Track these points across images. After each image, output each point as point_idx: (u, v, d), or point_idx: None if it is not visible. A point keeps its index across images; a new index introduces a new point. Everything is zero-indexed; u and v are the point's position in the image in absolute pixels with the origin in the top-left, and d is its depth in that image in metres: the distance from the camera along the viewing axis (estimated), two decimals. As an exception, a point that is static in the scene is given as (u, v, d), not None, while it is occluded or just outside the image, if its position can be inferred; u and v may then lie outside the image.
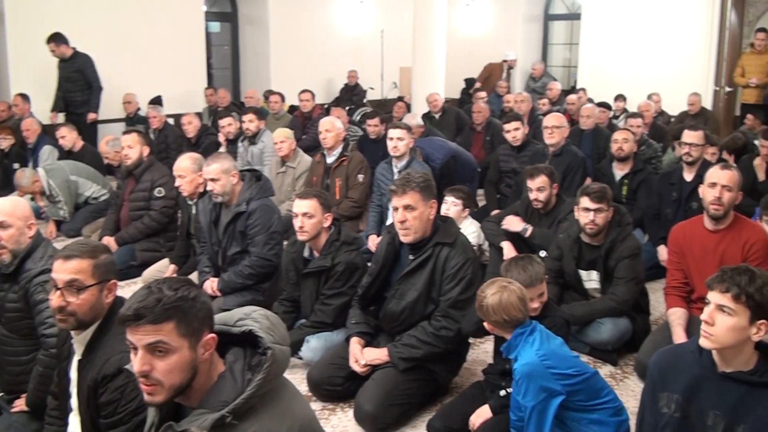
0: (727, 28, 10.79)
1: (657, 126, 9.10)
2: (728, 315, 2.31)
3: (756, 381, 2.35)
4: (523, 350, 2.95)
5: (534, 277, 3.24)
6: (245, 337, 1.92)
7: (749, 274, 2.32)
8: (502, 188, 6.74)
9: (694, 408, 2.45)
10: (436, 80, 10.17)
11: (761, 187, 6.47)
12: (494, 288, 2.99)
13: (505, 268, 3.32)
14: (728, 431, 2.38)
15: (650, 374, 2.62)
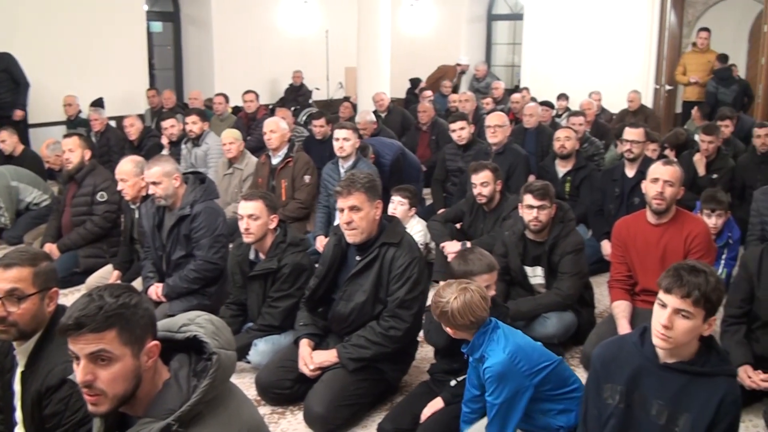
0: (666, 28, 11.07)
1: (599, 124, 9.28)
2: (687, 318, 2.35)
3: (697, 371, 2.41)
4: (490, 349, 2.95)
5: (493, 263, 3.30)
6: (190, 343, 1.90)
7: (703, 275, 2.36)
8: (448, 187, 6.79)
9: (637, 399, 2.50)
10: (381, 80, 10.21)
11: (702, 182, 6.65)
12: (454, 291, 2.96)
13: (460, 260, 3.34)
14: (672, 420, 2.44)
15: (593, 366, 2.66)
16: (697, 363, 2.42)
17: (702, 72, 10.51)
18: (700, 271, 2.37)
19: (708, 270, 2.39)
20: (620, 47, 11.36)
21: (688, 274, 2.36)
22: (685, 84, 10.79)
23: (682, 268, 2.39)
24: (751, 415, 3.73)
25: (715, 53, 10.53)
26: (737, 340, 3.79)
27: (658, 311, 2.41)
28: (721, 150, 6.93)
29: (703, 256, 4.05)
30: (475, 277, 3.22)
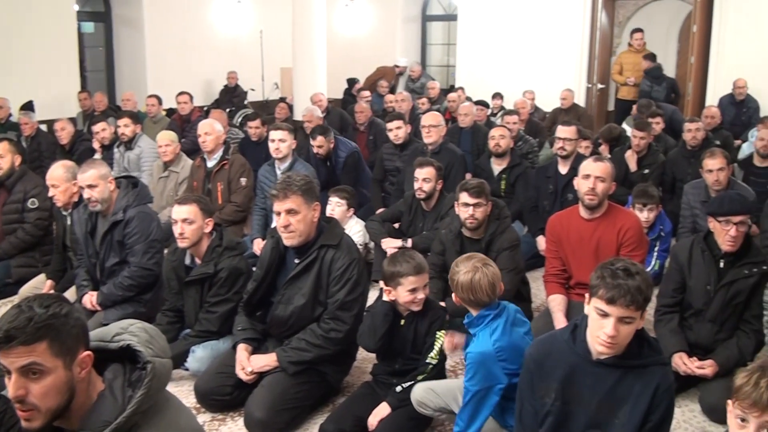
0: (598, 29, 11.32)
1: (532, 122, 9.44)
2: (630, 323, 2.38)
3: (630, 364, 2.45)
4: (482, 333, 2.99)
5: (422, 265, 3.30)
6: (124, 352, 1.86)
7: (637, 276, 2.36)
8: (386, 186, 6.81)
9: (573, 396, 2.53)
10: (317, 80, 10.18)
11: (633, 177, 6.84)
12: (468, 266, 3.03)
13: (390, 261, 3.34)
14: (609, 414, 2.48)
15: (527, 365, 2.67)
16: (630, 356, 2.45)
17: (638, 71, 10.85)
18: (633, 273, 2.38)
19: (637, 267, 2.41)
20: (553, 47, 11.57)
21: (625, 279, 2.35)
22: (622, 84, 11.08)
23: (618, 275, 2.36)
24: (687, 400, 3.86)
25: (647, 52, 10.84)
26: (671, 328, 3.93)
27: (599, 320, 2.39)
28: (651, 146, 7.13)
29: (635, 249, 4.17)
30: (402, 279, 3.24)
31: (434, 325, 3.34)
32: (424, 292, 3.31)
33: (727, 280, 3.80)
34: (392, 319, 3.34)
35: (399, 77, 13.65)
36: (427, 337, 3.35)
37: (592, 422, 2.51)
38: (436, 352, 3.33)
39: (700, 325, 3.91)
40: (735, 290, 3.79)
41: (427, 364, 3.33)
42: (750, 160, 6.66)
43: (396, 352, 3.42)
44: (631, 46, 11.19)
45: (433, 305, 3.42)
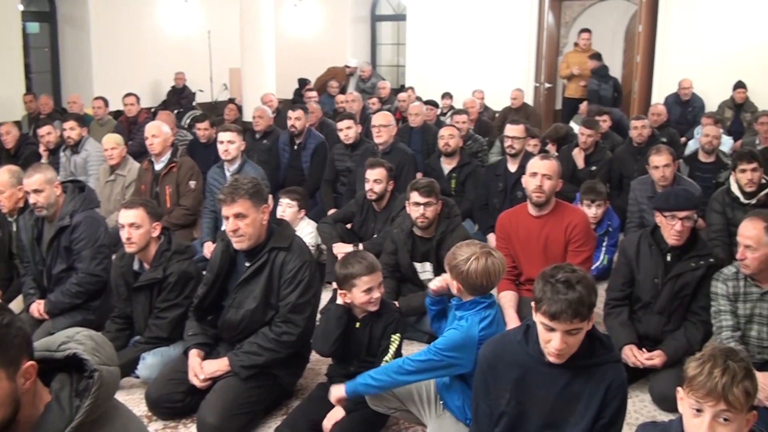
0: (545, 29, 11.46)
1: (482, 121, 9.52)
2: (577, 333, 2.38)
3: (582, 365, 2.47)
4: (471, 318, 2.95)
5: (374, 264, 3.29)
6: (70, 361, 1.82)
7: (579, 285, 2.34)
8: (338, 187, 6.80)
9: (527, 396, 2.54)
10: (266, 81, 10.12)
11: (581, 174, 6.95)
12: (472, 253, 2.94)
13: (342, 263, 3.33)
14: (563, 413, 2.50)
15: (480, 366, 2.67)
16: (583, 356, 2.46)
17: (584, 71, 11.04)
18: (574, 283, 2.35)
19: (578, 275, 2.38)
20: (501, 47, 11.68)
21: (566, 292, 2.33)
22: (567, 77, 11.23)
23: (559, 289, 2.34)
24: (637, 390, 3.95)
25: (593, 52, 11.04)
26: (621, 321, 4.01)
27: (546, 333, 2.39)
28: (599, 143, 7.25)
29: (583, 245, 4.26)
30: (356, 280, 3.23)
31: (389, 328, 3.33)
32: (380, 291, 3.31)
33: (674, 273, 3.89)
34: (346, 322, 3.33)
35: (349, 77, 13.65)
36: (382, 340, 3.34)
37: (546, 422, 2.53)
38: (391, 355, 3.32)
39: (649, 318, 4.00)
40: (682, 283, 3.88)
41: None
42: (695, 156, 6.82)
43: (351, 355, 3.41)
44: (578, 46, 11.38)
45: (388, 307, 3.41)
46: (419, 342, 4.53)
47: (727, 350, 2.12)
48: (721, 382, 2.03)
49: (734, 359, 2.06)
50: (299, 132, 7.15)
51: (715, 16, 10.18)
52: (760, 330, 3.61)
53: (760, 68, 9.83)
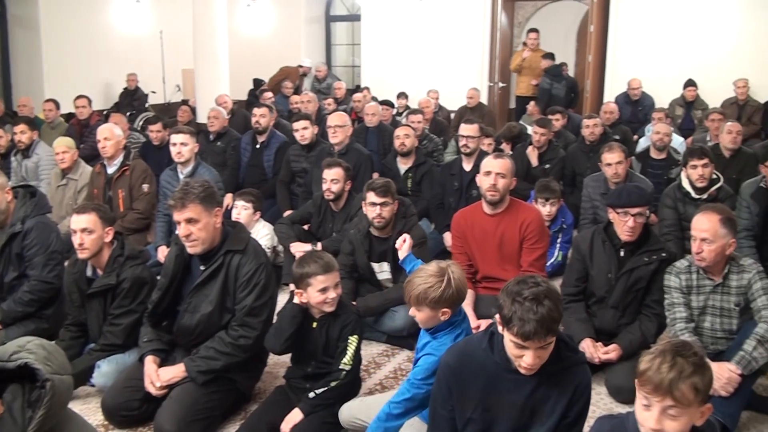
0: (498, 29, 11.56)
1: (437, 121, 9.57)
2: (548, 348, 2.38)
3: (549, 371, 2.47)
4: (445, 338, 2.94)
5: (330, 263, 3.28)
6: (22, 371, 1.79)
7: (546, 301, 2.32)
8: (294, 188, 6.76)
9: (493, 404, 2.54)
10: (220, 82, 10.03)
11: (535, 172, 7.03)
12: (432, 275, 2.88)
13: (299, 262, 3.32)
14: (530, 419, 2.52)
15: (442, 372, 2.64)
16: (549, 361, 2.45)
17: (534, 70, 11.20)
18: (542, 299, 2.32)
19: (544, 288, 2.36)
20: (455, 47, 11.77)
21: (536, 311, 2.30)
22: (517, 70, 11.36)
23: (528, 307, 2.31)
24: (594, 383, 3.94)
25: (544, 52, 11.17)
26: (578, 317, 4.08)
27: (518, 350, 2.38)
28: (552, 142, 7.35)
29: (537, 242, 4.31)
30: (311, 279, 3.22)
31: (346, 329, 3.33)
32: (336, 291, 3.29)
33: (628, 267, 3.97)
34: (301, 321, 3.32)
35: (303, 78, 13.59)
36: (339, 342, 3.33)
37: (514, 426, 2.54)
38: (349, 357, 3.32)
39: (603, 312, 4.08)
40: (635, 277, 3.96)
41: (341, 370, 3.31)
42: (647, 153, 6.94)
43: (308, 355, 3.40)
44: (526, 46, 11.50)
45: (345, 308, 3.40)
46: (378, 342, 4.54)
47: (679, 345, 2.12)
48: (667, 377, 2.04)
49: (684, 354, 2.07)
50: (263, 129, 7.11)
51: (665, 16, 10.40)
52: (713, 321, 3.70)
53: (710, 67, 10.07)
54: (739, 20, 10.03)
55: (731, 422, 3.43)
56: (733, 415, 3.45)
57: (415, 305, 2.94)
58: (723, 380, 3.41)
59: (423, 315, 2.94)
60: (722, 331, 3.69)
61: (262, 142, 7.21)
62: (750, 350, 3.42)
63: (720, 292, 3.67)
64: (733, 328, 3.66)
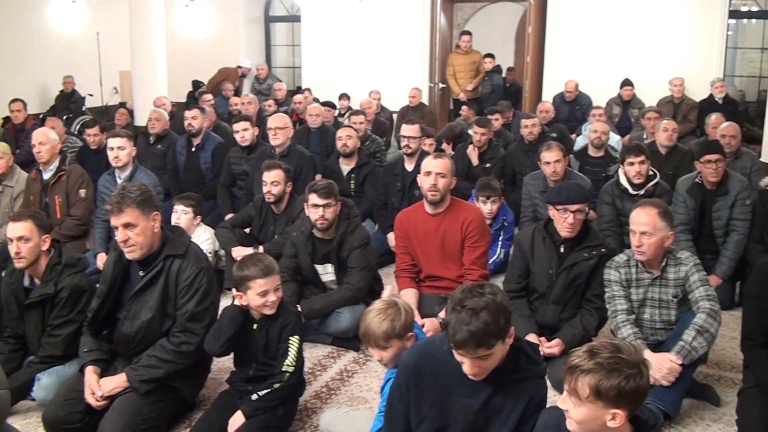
0: (437, 30, 11.63)
1: (379, 121, 9.60)
2: (488, 358, 2.38)
3: (505, 379, 2.49)
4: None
5: (270, 267, 3.25)
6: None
7: (484, 315, 2.31)
8: (235, 191, 6.70)
9: (449, 406, 2.56)
10: (158, 84, 9.91)
11: (476, 171, 7.11)
12: (380, 314, 2.94)
13: (239, 265, 3.29)
14: (484, 426, 2.54)
15: (403, 371, 2.66)
16: (506, 369, 2.47)
17: (468, 71, 11.38)
18: (479, 310, 2.31)
19: (485, 300, 2.34)
20: (396, 48, 11.80)
21: (468, 322, 2.30)
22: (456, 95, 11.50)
23: (463, 318, 2.31)
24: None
25: (479, 54, 11.36)
26: (521, 313, 4.14)
27: (458, 356, 2.40)
28: (492, 141, 7.44)
29: (478, 240, 4.37)
30: (251, 283, 3.20)
31: (286, 329, 3.31)
32: (276, 294, 3.27)
33: (568, 263, 4.05)
34: (241, 323, 3.30)
35: (243, 79, 13.47)
36: (280, 343, 3.31)
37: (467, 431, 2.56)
38: (292, 358, 3.30)
39: (545, 307, 4.16)
40: (575, 273, 4.04)
41: (284, 372, 3.29)
42: (585, 151, 7.08)
43: (250, 358, 3.37)
44: (459, 48, 11.61)
45: (285, 309, 3.38)
46: (323, 344, 4.53)
47: (603, 344, 2.15)
48: (568, 365, 2.13)
49: (598, 355, 2.10)
50: (197, 132, 7.03)
51: (601, 17, 10.62)
52: (652, 313, 3.81)
53: (646, 66, 10.32)
54: (674, 20, 10.30)
55: (673, 410, 3.56)
56: (674, 403, 3.57)
57: (384, 343, 2.94)
58: (664, 370, 3.52)
59: (394, 349, 2.94)
60: (661, 323, 3.81)
61: (197, 145, 7.11)
62: (689, 340, 3.52)
63: (658, 284, 3.78)
64: (672, 319, 3.78)
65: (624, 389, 2.06)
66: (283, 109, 10.05)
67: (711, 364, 4.32)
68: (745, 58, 11.97)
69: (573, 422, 2.16)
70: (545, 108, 9.00)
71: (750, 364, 3.52)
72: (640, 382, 2.08)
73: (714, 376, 4.22)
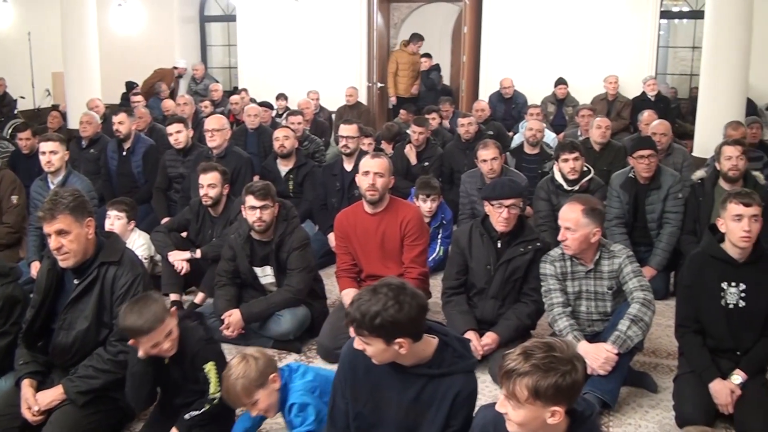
0: (374, 30, 11.64)
1: (318, 122, 9.58)
2: (371, 345, 2.46)
3: (433, 373, 2.54)
4: (293, 385, 3.01)
5: (155, 319, 3.01)
6: None
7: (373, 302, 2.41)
8: (171, 195, 6.59)
9: (382, 400, 2.61)
10: (92, 85, 9.70)
11: (414, 170, 7.17)
12: (238, 367, 2.95)
13: (123, 314, 3.04)
14: (416, 420, 2.58)
15: (342, 365, 2.73)
16: (435, 364, 2.54)
17: (411, 70, 11.53)
18: (365, 300, 2.43)
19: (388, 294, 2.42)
20: (334, 47, 11.77)
21: (358, 306, 2.42)
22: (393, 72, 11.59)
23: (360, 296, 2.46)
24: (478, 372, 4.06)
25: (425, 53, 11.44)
26: (460, 309, 4.22)
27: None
28: (430, 140, 7.50)
29: (417, 239, 4.42)
30: (138, 338, 3.01)
31: (196, 359, 3.17)
32: (170, 339, 3.10)
33: (505, 258, 4.15)
34: (153, 370, 3.17)
35: (179, 80, 13.27)
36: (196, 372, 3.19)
37: (400, 425, 2.60)
38: (214, 385, 3.17)
39: (484, 303, 4.24)
40: (513, 267, 4.14)
41: (212, 399, 3.18)
42: (521, 149, 7.21)
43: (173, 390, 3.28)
44: (405, 46, 11.70)
45: (189, 338, 3.21)
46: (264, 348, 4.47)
47: (537, 345, 2.20)
48: (503, 370, 2.17)
49: (531, 355, 2.15)
50: (125, 136, 6.89)
51: (536, 16, 10.77)
52: (588, 305, 3.92)
53: (580, 65, 10.51)
54: (607, 20, 10.50)
55: (611, 398, 3.66)
56: (612, 392, 3.67)
57: (248, 399, 2.99)
58: (601, 360, 3.62)
59: (264, 398, 3.00)
60: (597, 314, 3.92)
61: (127, 149, 6.98)
62: (624, 330, 3.63)
63: (593, 277, 3.89)
64: (608, 310, 3.89)
65: (561, 386, 2.12)
66: (219, 110, 9.94)
67: (647, 352, 4.45)
68: (677, 57, 12.28)
69: (513, 425, 2.20)
70: (481, 107, 9.10)
71: (684, 350, 3.73)
72: (575, 377, 2.14)
73: (651, 363, 4.35)
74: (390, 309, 2.39)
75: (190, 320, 3.38)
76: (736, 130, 6.59)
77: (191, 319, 3.40)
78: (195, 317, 3.50)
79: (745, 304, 3.56)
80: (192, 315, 3.56)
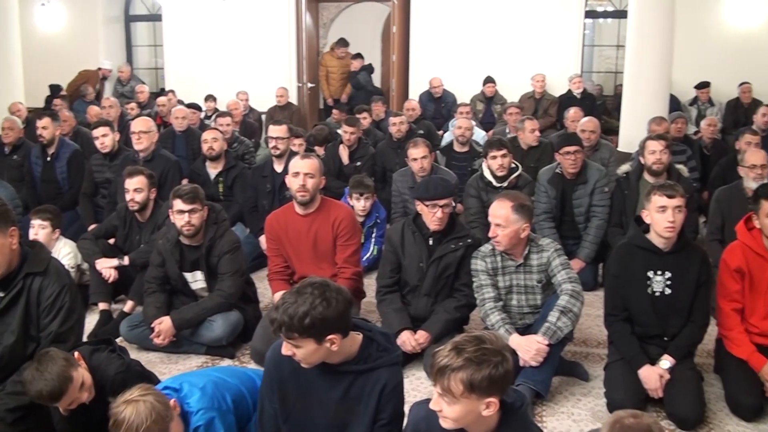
0: (303, 30, 11.59)
1: (247, 123, 9.48)
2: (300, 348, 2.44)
3: (360, 369, 2.56)
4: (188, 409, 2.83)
5: (56, 389, 2.85)
6: None
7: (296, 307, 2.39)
8: (98, 200, 6.42)
9: (311, 399, 2.60)
10: (14, 88, 9.39)
11: (347, 169, 7.17)
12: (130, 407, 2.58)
13: (26, 386, 2.89)
14: (346, 416, 2.58)
15: (267, 368, 2.72)
16: (361, 360, 2.56)
17: (341, 73, 11.62)
18: (291, 303, 2.41)
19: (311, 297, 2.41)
20: (262, 48, 11.67)
21: (284, 309, 2.40)
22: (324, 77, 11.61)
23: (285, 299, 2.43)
24: (413, 369, 4.19)
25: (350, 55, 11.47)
26: (395, 307, 4.26)
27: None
28: (361, 139, 7.52)
29: (350, 239, 4.43)
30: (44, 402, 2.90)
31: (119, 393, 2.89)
32: (82, 394, 2.96)
33: (437, 255, 4.20)
34: (78, 416, 3.06)
35: (104, 81, 12.95)
36: None
37: (331, 424, 2.60)
38: None
39: (417, 300, 4.28)
40: (445, 264, 4.19)
41: None
42: (451, 147, 7.28)
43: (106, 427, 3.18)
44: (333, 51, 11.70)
45: (105, 375, 3.10)
46: (197, 354, 4.42)
47: (467, 339, 2.23)
48: (436, 367, 2.20)
49: (463, 349, 2.18)
50: (49, 142, 6.70)
51: (463, 16, 10.89)
52: (519, 299, 4.00)
53: (507, 64, 10.68)
54: (534, 19, 10.69)
55: (543, 388, 3.75)
56: (544, 382, 3.76)
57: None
58: (532, 351, 3.71)
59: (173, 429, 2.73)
60: (528, 307, 4.01)
61: (52, 154, 6.79)
62: (554, 321, 3.72)
63: (523, 271, 3.97)
64: (538, 303, 3.98)
65: (495, 377, 2.16)
66: (146, 112, 9.74)
67: (578, 342, 4.57)
68: (602, 55, 12.57)
69: (449, 421, 2.23)
70: (411, 106, 9.16)
71: (613, 338, 3.87)
72: (507, 367, 2.20)
73: (582, 353, 4.47)
74: (318, 307, 2.38)
75: (100, 352, 3.21)
76: (660, 125, 6.80)
77: (101, 351, 3.23)
78: (105, 344, 3.31)
79: (671, 292, 3.71)
80: (100, 343, 3.37)
